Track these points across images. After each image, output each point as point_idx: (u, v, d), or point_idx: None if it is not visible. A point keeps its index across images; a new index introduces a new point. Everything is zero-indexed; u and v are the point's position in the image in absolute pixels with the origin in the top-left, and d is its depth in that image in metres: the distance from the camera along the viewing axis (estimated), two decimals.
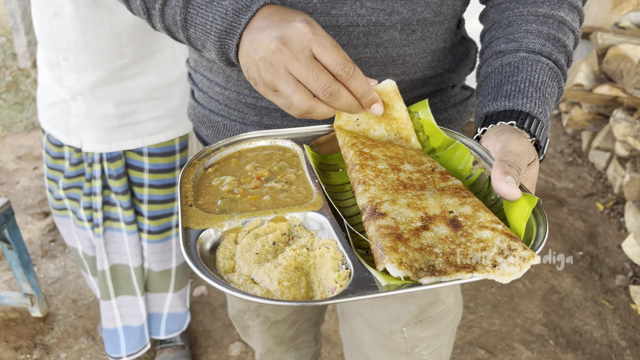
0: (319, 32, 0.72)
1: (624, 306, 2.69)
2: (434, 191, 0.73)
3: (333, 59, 0.72)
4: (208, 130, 1.12)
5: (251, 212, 0.72)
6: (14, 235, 2.29)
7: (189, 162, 0.83)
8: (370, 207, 0.69)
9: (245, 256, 0.66)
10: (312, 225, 0.72)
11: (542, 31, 0.91)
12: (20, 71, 5.53)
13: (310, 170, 0.82)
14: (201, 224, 0.70)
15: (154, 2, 0.86)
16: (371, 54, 0.94)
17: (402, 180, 0.76)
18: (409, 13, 0.92)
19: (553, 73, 0.89)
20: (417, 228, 0.66)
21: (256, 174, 0.82)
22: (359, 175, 0.76)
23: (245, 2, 0.78)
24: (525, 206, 0.67)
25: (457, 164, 0.84)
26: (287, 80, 0.72)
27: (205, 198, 0.77)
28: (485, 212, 0.68)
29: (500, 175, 0.68)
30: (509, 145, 0.74)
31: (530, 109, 0.83)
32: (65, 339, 2.45)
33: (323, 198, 0.75)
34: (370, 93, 0.76)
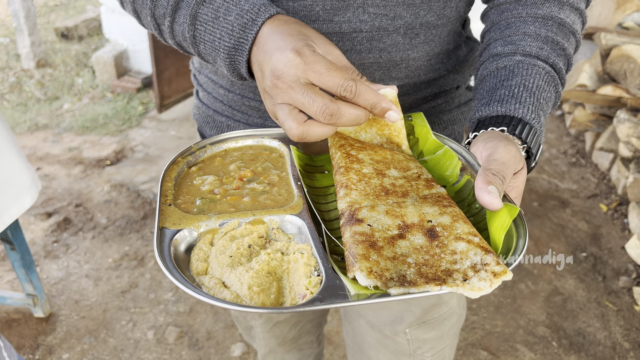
0: (310, 60, 0.71)
1: (628, 308, 2.68)
2: (415, 199, 0.72)
3: (332, 82, 0.71)
4: (212, 131, 1.13)
5: (229, 214, 0.72)
6: (17, 235, 2.29)
7: (173, 159, 0.82)
8: (349, 212, 0.68)
9: (219, 259, 0.65)
10: (290, 229, 0.71)
11: (540, 34, 0.90)
12: (24, 72, 5.54)
13: (294, 171, 0.81)
14: (177, 224, 0.69)
15: (163, 18, 0.85)
16: (374, 58, 0.93)
17: (384, 186, 0.74)
18: (411, 17, 0.91)
19: (549, 77, 0.87)
20: (393, 236, 0.65)
21: (239, 174, 0.81)
22: (342, 178, 0.76)
23: (251, 16, 0.77)
24: (505, 217, 0.65)
25: (444, 169, 0.83)
26: (283, 108, 0.72)
27: (185, 197, 0.76)
28: (464, 223, 0.67)
29: (483, 184, 0.66)
30: (495, 153, 0.73)
31: (523, 115, 0.81)
32: (67, 339, 2.45)
33: (304, 201, 0.74)
34: (380, 102, 0.74)
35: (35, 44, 5.53)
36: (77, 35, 6.28)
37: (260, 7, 0.78)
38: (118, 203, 3.46)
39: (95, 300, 2.67)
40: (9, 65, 5.72)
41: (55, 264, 2.91)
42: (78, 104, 4.93)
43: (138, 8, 0.89)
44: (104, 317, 2.58)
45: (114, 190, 3.59)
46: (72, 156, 4.03)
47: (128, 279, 2.82)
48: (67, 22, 6.49)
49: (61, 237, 3.11)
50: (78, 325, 2.52)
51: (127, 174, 3.78)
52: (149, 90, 5.08)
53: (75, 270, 2.86)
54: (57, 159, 3.99)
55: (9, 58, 5.87)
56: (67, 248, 3.03)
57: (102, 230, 3.20)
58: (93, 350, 2.39)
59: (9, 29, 6.57)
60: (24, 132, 4.42)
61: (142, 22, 0.92)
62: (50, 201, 3.45)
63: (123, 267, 2.90)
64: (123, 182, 3.68)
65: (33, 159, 4.00)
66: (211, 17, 0.79)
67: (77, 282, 2.79)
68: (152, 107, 4.77)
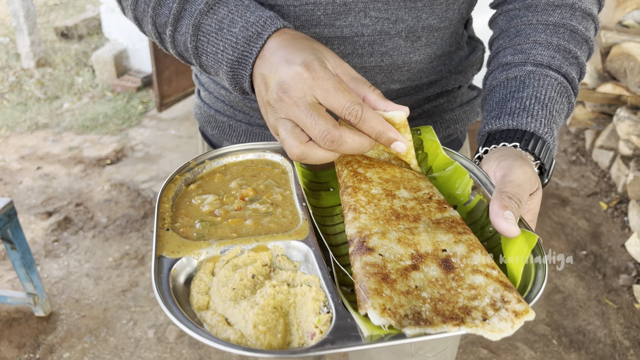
0: (319, 76, 0.68)
1: (628, 306, 2.68)
2: (428, 224, 0.68)
3: (338, 103, 0.67)
4: (214, 130, 1.11)
5: (231, 240, 0.67)
6: (17, 235, 2.29)
7: (170, 177, 0.78)
8: (359, 239, 0.64)
9: (221, 291, 0.61)
10: (295, 256, 0.67)
11: (551, 42, 0.86)
12: (24, 71, 5.54)
13: (298, 190, 0.77)
14: (176, 251, 0.64)
15: (164, 27, 0.82)
16: (376, 62, 0.92)
17: (395, 209, 0.70)
18: (413, 20, 0.89)
19: (562, 88, 0.84)
20: (406, 267, 0.61)
21: (240, 193, 0.76)
22: (350, 200, 0.72)
23: (256, 29, 0.75)
24: (523, 246, 0.62)
25: (455, 187, 0.79)
26: (285, 124, 0.69)
27: (184, 220, 0.72)
28: (480, 253, 0.63)
29: (499, 209, 0.63)
30: (510, 174, 0.69)
31: (535, 129, 0.78)
32: (68, 338, 2.45)
33: (309, 225, 0.70)
34: (386, 132, 0.70)
35: (35, 44, 5.53)
36: (76, 35, 6.28)
37: (266, 19, 0.75)
38: (118, 202, 3.46)
39: (95, 299, 2.67)
40: (8, 64, 5.72)
41: (56, 263, 2.91)
42: (78, 103, 4.93)
43: (139, 15, 0.87)
44: (105, 316, 2.58)
45: (114, 190, 3.59)
46: (72, 155, 4.03)
47: (128, 278, 2.82)
48: (67, 21, 6.49)
49: (61, 236, 3.11)
50: (79, 324, 2.52)
51: (127, 173, 3.79)
52: (149, 89, 5.08)
53: (76, 270, 2.87)
54: (57, 158, 4.00)
55: (8, 57, 5.87)
56: (67, 247, 3.03)
57: (103, 229, 3.20)
58: (94, 349, 2.40)
59: (9, 29, 6.57)
60: (24, 132, 4.43)
61: (143, 30, 0.90)
62: (50, 200, 3.46)
63: (123, 266, 2.90)
64: (123, 181, 3.68)
65: (33, 158, 4.00)
66: (215, 28, 0.77)
67: (78, 281, 2.79)
68: (152, 106, 4.77)
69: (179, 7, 0.79)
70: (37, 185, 3.64)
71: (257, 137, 1.04)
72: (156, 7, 0.82)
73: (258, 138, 1.04)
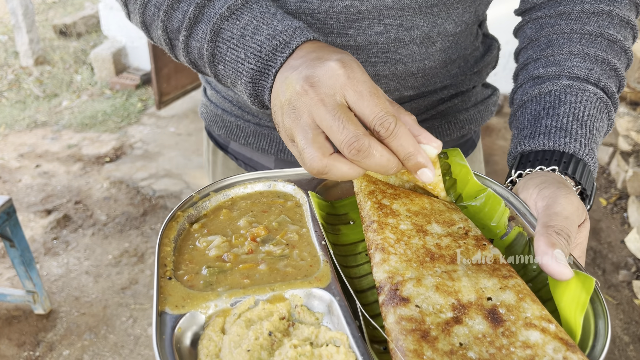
0: (355, 76, 0.60)
1: (627, 301, 2.68)
2: (468, 266, 0.60)
3: (370, 110, 0.59)
4: (220, 130, 1.06)
5: (243, 290, 0.59)
6: (16, 232, 2.29)
7: (172, 214, 0.70)
8: (390, 286, 0.56)
9: (234, 354, 0.53)
10: (317, 306, 0.59)
11: (588, 53, 0.80)
12: (22, 69, 5.54)
13: (316, 226, 0.68)
14: (181, 306, 0.57)
15: (177, 32, 0.76)
16: (390, 70, 0.88)
17: (428, 247, 0.62)
18: (428, 26, 0.85)
19: (602, 104, 0.77)
20: (448, 321, 0.53)
21: (251, 233, 0.68)
22: (376, 237, 0.63)
23: (284, 38, 0.68)
24: (579, 291, 0.54)
25: (489, 217, 0.70)
26: (305, 130, 0.60)
27: (188, 266, 0.64)
28: (532, 301, 0.54)
29: (547, 247, 0.56)
30: (555, 205, 0.62)
31: (575, 150, 0.72)
32: (68, 336, 2.45)
33: (331, 268, 0.61)
34: (416, 155, 0.61)
35: (33, 42, 5.52)
36: (75, 32, 6.27)
37: (295, 29, 0.69)
38: (117, 200, 3.46)
39: (95, 297, 2.67)
40: (7, 62, 5.72)
41: (55, 261, 2.91)
42: (77, 101, 4.93)
43: (147, 20, 0.80)
44: (104, 313, 2.58)
45: (113, 187, 3.59)
46: (71, 153, 4.03)
47: (128, 276, 2.82)
48: (65, 19, 6.48)
49: (61, 234, 3.11)
50: (78, 322, 2.52)
51: (126, 171, 3.78)
52: (148, 87, 5.08)
53: (75, 267, 2.87)
54: (56, 156, 3.99)
55: (7, 55, 5.86)
56: (66, 245, 3.03)
57: (102, 227, 3.20)
58: (93, 347, 2.40)
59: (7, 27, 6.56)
60: (23, 130, 4.42)
61: (150, 36, 0.83)
62: (49, 198, 3.45)
63: (123, 264, 2.90)
64: (122, 179, 3.68)
65: (32, 156, 4.00)
66: (237, 35, 0.71)
67: (77, 278, 2.79)
68: (151, 104, 4.77)
69: (195, 10, 0.73)
70: (36, 183, 3.64)
71: (266, 139, 0.99)
72: (169, 10, 0.76)
73: (267, 139, 0.99)
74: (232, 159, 1.08)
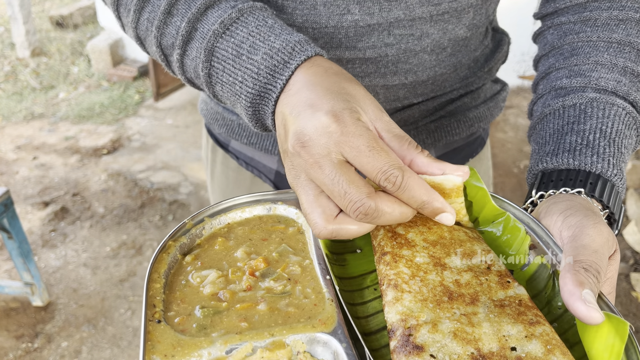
0: (349, 130, 0.54)
1: (625, 294, 2.69)
2: (489, 307, 0.54)
3: (372, 166, 0.54)
4: (221, 129, 1.02)
5: (239, 335, 0.54)
6: (14, 224, 2.28)
7: (162, 245, 0.63)
8: (402, 330, 0.51)
9: None
10: (321, 353, 0.54)
11: (616, 63, 0.74)
12: (19, 61, 5.50)
13: (319, 258, 0.63)
14: (171, 355, 0.52)
15: (171, 49, 0.71)
16: (400, 80, 0.84)
17: (446, 285, 0.56)
18: (439, 33, 0.81)
19: (630, 119, 0.72)
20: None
21: (249, 267, 0.62)
22: (389, 272, 0.57)
23: (282, 57, 0.62)
24: (612, 337, 0.49)
25: (508, 245, 0.64)
26: (307, 192, 0.56)
27: (180, 306, 0.58)
28: (562, 354, 0.49)
29: (574, 287, 0.50)
30: (582, 236, 0.56)
31: (602, 170, 0.66)
32: (66, 327, 2.45)
33: (337, 309, 0.56)
34: (431, 203, 0.56)
35: (30, 33, 5.48)
36: (72, 24, 6.23)
37: (294, 45, 0.63)
38: (115, 192, 3.45)
39: (93, 289, 2.67)
40: (3, 54, 5.68)
41: (53, 253, 2.90)
42: (74, 93, 4.90)
43: (141, 35, 0.74)
44: (103, 305, 2.58)
45: (111, 179, 3.58)
46: (69, 145, 4.02)
47: (126, 268, 2.82)
48: (62, 10, 6.44)
49: (59, 226, 3.11)
50: (77, 314, 2.52)
51: (124, 163, 3.77)
52: (146, 79, 5.05)
53: (73, 259, 2.86)
54: (53, 148, 3.98)
55: (3, 47, 5.83)
56: (64, 237, 3.03)
57: (100, 219, 3.19)
58: (92, 339, 2.40)
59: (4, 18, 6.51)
60: (19, 122, 4.40)
61: (146, 50, 0.77)
62: (47, 190, 3.44)
63: (121, 256, 2.90)
64: (120, 171, 3.67)
65: (29, 148, 3.98)
66: (232, 54, 0.65)
67: (75, 271, 2.79)
68: (149, 96, 4.75)
69: (188, 27, 0.67)
70: (33, 175, 3.62)
71: (269, 138, 0.95)
72: (161, 26, 0.70)
73: (270, 139, 0.95)
74: (233, 158, 1.05)
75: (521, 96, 4.64)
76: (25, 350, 2.34)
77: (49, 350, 2.34)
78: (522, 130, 4.16)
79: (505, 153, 3.80)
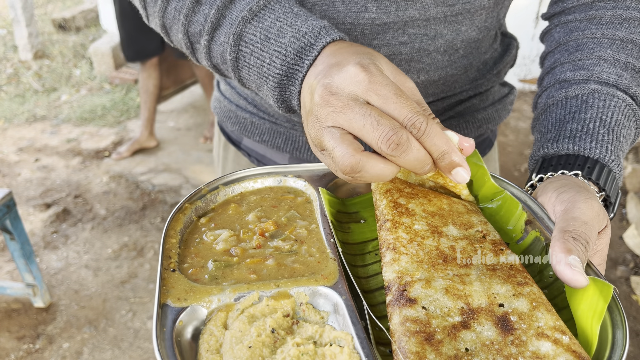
0: (377, 79, 0.57)
1: (625, 297, 2.69)
2: (482, 270, 0.57)
3: (399, 112, 0.56)
4: (234, 127, 1.03)
5: (247, 285, 0.58)
6: (16, 225, 2.29)
7: (179, 206, 0.68)
8: (398, 286, 0.54)
9: (234, 350, 0.52)
10: (322, 305, 0.58)
11: (618, 59, 0.77)
12: (21, 63, 5.52)
13: (325, 223, 0.67)
14: (183, 298, 0.56)
15: (199, 36, 0.74)
16: (412, 79, 0.86)
17: (442, 250, 0.60)
18: (452, 34, 0.84)
19: (630, 111, 0.75)
20: (455, 325, 0.50)
21: (259, 228, 0.67)
22: (389, 236, 0.61)
23: (309, 40, 0.66)
24: (597, 299, 0.52)
25: (505, 221, 0.68)
26: (333, 132, 0.57)
27: (194, 260, 0.63)
28: (546, 311, 0.52)
29: (562, 254, 0.54)
30: (573, 209, 0.59)
31: (600, 156, 0.69)
32: (67, 329, 2.46)
33: (339, 267, 0.60)
34: (450, 153, 0.58)
35: (32, 35, 5.50)
36: (74, 26, 6.25)
37: (320, 29, 0.66)
38: (117, 194, 3.46)
39: (94, 291, 2.67)
40: (6, 56, 5.70)
41: (55, 255, 2.91)
42: (76, 96, 4.92)
43: (168, 23, 0.77)
44: (104, 307, 2.59)
45: (112, 182, 3.59)
46: (71, 147, 4.03)
47: (127, 269, 2.82)
48: (65, 13, 6.47)
49: (60, 228, 3.11)
50: (78, 315, 2.53)
51: (125, 165, 3.78)
52: None
53: (75, 261, 2.87)
54: (55, 150, 3.99)
55: (6, 49, 5.85)
56: (66, 239, 3.03)
57: (101, 221, 3.20)
58: (93, 340, 2.40)
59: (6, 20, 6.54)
60: (22, 124, 4.41)
61: (170, 39, 0.80)
62: (49, 192, 3.45)
63: (122, 258, 2.91)
64: (122, 173, 3.68)
65: (31, 150, 3.99)
66: (260, 38, 0.68)
67: (77, 272, 2.79)
68: None
69: (217, 14, 0.71)
70: (35, 177, 3.63)
71: (281, 136, 0.97)
72: (189, 14, 0.73)
73: (282, 137, 0.97)
74: (245, 155, 1.06)
75: (522, 100, 4.65)
76: (26, 351, 2.34)
77: (50, 352, 2.34)
78: (523, 133, 4.17)
79: (506, 156, 3.81)
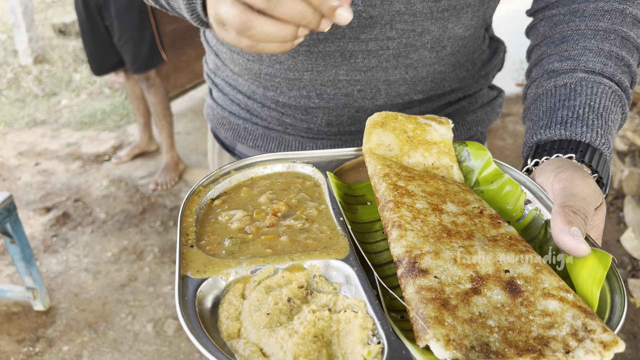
0: None
1: None
2: (484, 241, 0.61)
3: None
4: (227, 133, 1.05)
5: (263, 258, 0.61)
6: (17, 229, 2.30)
7: (193, 189, 0.72)
8: (408, 259, 0.57)
9: (253, 317, 0.54)
10: (335, 277, 0.61)
11: (603, 48, 0.81)
12: (22, 68, 5.54)
13: (334, 204, 0.70)
14: (202, 271, 0.59)
15: None
16: (400, 75, 0.89)
17: (445, 225, 0.63)
18: (439, 31, 0.86)
19: (616, 97, 0.79)
20: (467, 291, 0.53)
21: (272, 209, 0.70)
22: (393, 215, 0.64)
23: None
24: (596, 267, 0.55)
25: (505, 202, 0.72)
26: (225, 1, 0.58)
27: (211, 237, 0.66)
28: (549, 274, 0.55)
29: (564, 225, 0.56)
30: (572, 187, 0.63)
31: (591, 140, 0.73)
32: (67, 332, 2.46)
33: (349, 242, 0.63)
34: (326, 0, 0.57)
35: (32, 40, 5.53)
36: (74, 31, 6.27)
37: None
38: (117, 198, 3.47)
39: (94, 294, 2.68)
40: (6, 61, 5.72)
41: (55, 258, 2.92)
42: (76, 100, 4.94)
43: None
44: (104, 310, 2.60)
45: (112, 185, 3.60)
46: (71, 151, 4.04)
47: (127, 273, 2.83)
48: (65, 18, 6.49)
49: (60, 232, 3.12)
50: (78, 318, 2.54)
51: (125, 169, 3.80)
52: None
53: (75, 264, 2.88)
54: (55, 154, 4.00)
55: (6, 54, 5.87)
56: (66, 242, 3.04)
57: (101, 224, 3.21)
58: (93, 343, 2.41)
59: (7, 25, 6.56)
60: (22, 128, 4.43)
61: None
62: (49, 196, 3.47)
63: (122, 261, 2.92)
64: (122, 177, 3.69)
65: (31, 154, 4.01)
66: None
67: (77, 275, 2.80)
68: None
69: None
70: (35, 181, 3.65)
71: (274, 142, 1.00)
72: None
73: (275, 142, 0.99)
74: None
75: (519, 104, 4.67)
76: (26, 354, 2.35)
77: (50, 355, 2.35)
78: (521, 137, 4.18)
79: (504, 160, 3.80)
